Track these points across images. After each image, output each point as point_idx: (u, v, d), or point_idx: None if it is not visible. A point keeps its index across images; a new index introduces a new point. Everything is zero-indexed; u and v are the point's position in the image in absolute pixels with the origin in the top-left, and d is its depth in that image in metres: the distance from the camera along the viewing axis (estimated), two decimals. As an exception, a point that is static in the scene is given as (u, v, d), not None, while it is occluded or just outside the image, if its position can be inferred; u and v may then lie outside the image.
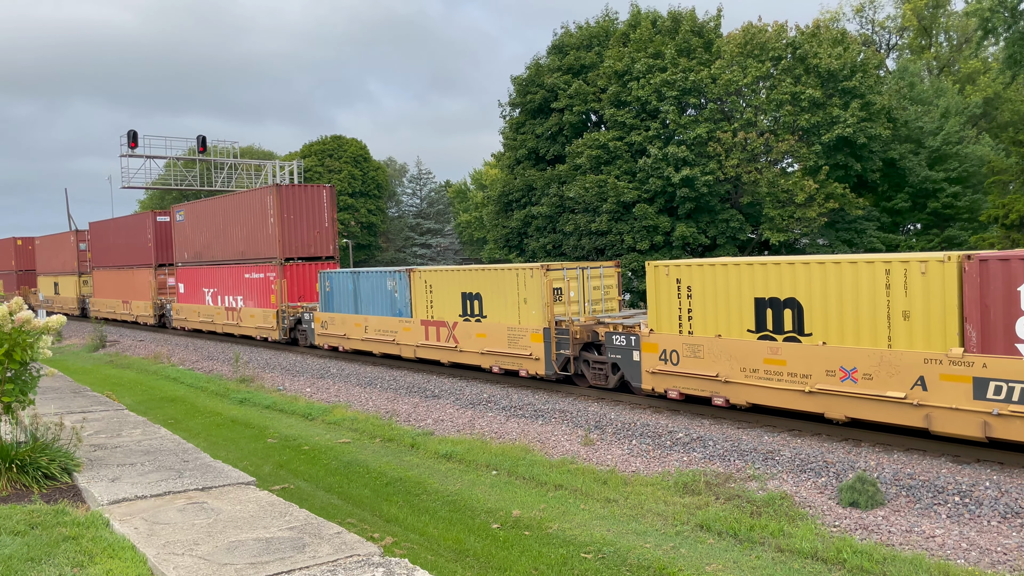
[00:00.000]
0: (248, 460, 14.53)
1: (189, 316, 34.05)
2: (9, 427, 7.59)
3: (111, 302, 42.54)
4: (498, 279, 18.40)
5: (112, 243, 42.25)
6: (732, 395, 13.74)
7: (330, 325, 24.27)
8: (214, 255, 31.97)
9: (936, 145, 35.47)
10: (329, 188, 28.59)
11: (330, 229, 28.64)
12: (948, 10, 48.58)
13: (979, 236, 31.65)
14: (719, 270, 14.03)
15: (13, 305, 7.32)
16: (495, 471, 13.14)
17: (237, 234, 29.91)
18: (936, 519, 9.81)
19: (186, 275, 34.46)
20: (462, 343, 19.39)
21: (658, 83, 33.76)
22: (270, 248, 27.70)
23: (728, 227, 34.11)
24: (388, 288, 21.75)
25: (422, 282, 20.55)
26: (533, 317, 17.50)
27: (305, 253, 28.03)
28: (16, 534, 5.70)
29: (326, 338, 24.60)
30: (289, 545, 5.36)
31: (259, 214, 28.23)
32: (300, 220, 27.78)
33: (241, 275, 29.56)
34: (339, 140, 66.01)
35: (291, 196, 27.65)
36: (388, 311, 21.84)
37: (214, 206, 32.00)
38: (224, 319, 31.08)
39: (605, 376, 16.65)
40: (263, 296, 28.22)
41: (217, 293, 31.64)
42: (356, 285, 23.12)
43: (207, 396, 21.75)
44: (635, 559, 9.22)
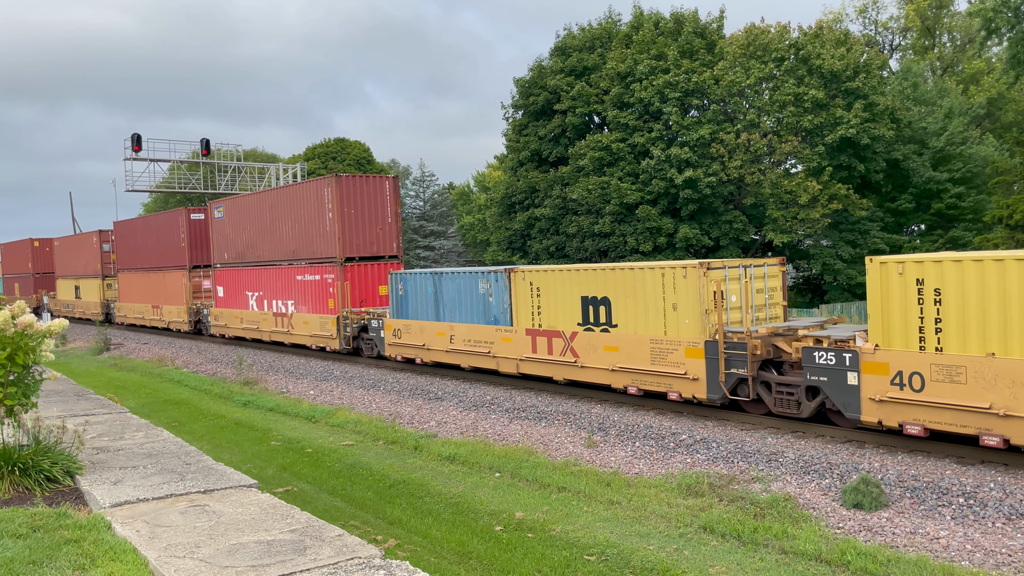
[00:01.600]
0: (251, 463, 14.54)
1: (230, 322, 31.07)
2: (11, 430, 7.59)
3: (139, 307, 39.83)
4: (634, 280, 15.49)
5: (140, 243, 39.65)
6: (1015, 434, 10.53)
7: (405, 334, 21.56)
8: (259, 255, 29.17)
9: (940, 146, 35.41)
10: (392, 179, 25.70)
11: (393, 225, 25.65)
12: (951, 10, 48.50)
13: (983, 237, 31.56)
14: (988, 267, 10.69)
15: (16, 309, 7.33)
16: (498, 473, 13.12)
17: (287, 231, 27.18)
18: (940, 521, 9.77)
19: (226, 277, 31.58)
20: (584, 357, 16.48)
21: (661, 85, 33.75)
22: (328, 246, 24.94)
23: (731, 228, 34.08)
24: (480, 291, 19.04)
25: (526, 284, 17.84)
26: (687, 327, 14.55)
27: (367, 252, 25.16)
28: (18, 537, 5.70)
29: (399, 348, 21.84)
30: (290, 548, 5.36)
31: (315, 209, 25.48)
32: (361, 215, 24.91)
33: (292, 277, 26.89)
34: (342, 143, 66.12)
35: (352, 188, 24.77)
36: (480, 318, 19.13)
37: (260, 201, 29.28)
38: (272, 326, 28.25)
39: (797, 403, 13.36)
40: (319, 300, 25.51)
41: (263, 297, 28.89)
42: (438, 288, 20.45)
43: (211, 399, 21.77)
44: (638, 561, 9.20)
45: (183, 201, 70.26)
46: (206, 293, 34.63)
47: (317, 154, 64.58)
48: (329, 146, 65.52)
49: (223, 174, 45.46)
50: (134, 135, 40.74)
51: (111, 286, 44.92)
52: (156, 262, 37.64)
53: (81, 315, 48.11)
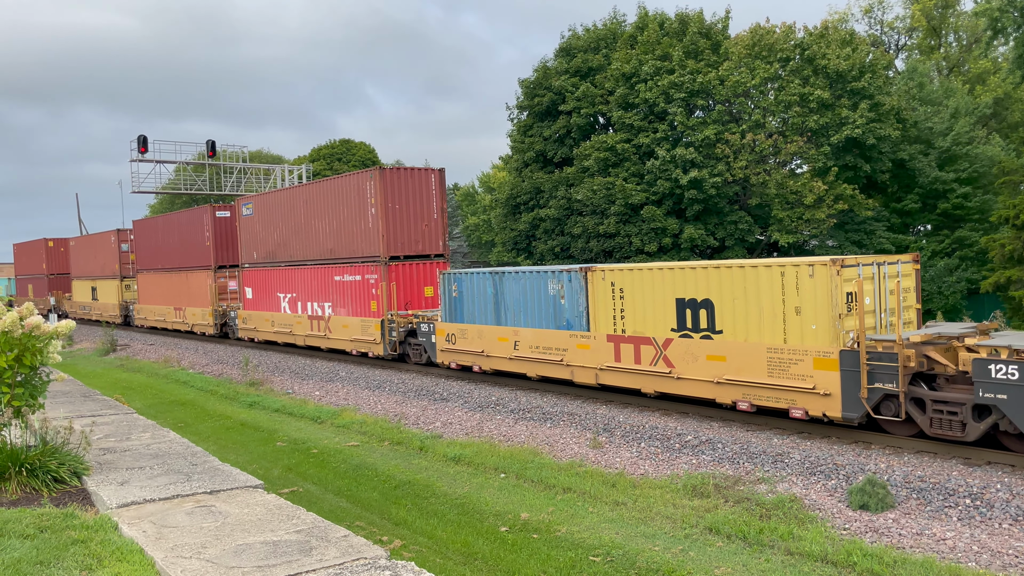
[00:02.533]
0: (257, 463, 14.57)
1: (260, 325, 29.39)
2: (19, 431, 7.63)
3: (160, 309, 38.11)
4: (744, 280, 13.63)
5: (161, 243, 38.00)
6: None
7: (460, 339, 19.85)
8: (292, 254, 27.47)
9: (946, 146, 35.32)
10: (438, 172, 23.86)
11: (439, 221, 24.01)
12: (957, 10, 48.36)
13: (990, 237, 31.47)
14: None
15: (24, 310, 7.36)
16: (503, 474, 13.13)
17: (324, 228, 25.51)
18: (947, 522, 9.75)
19: (255, 278, 29.92)
20: (680, 368, 14.62)
21: (666, 85, 33.73)
22: (370, 244, 23.30)
23: (737, 229, 34.04)
24: (549, 292, 17.35)
25: (606, 285, 16.09)
26: (814, 335, 12.62)
27: (412, 250, 23.49)
28: (25, 537, 5.73)
29: (453, 355, 20.16)
30: (296, 548, 5.37)
31: (356, 204, 23.77)
32: (407, 210, 23.28)
33: (330, 277, 25.23)
34: (348, 144, 66.23)
35: (396, 181, 23.03)
36: (550, 322, 17.40)
37: (293, 197, 27.56)
38: (307, 329, 26.51)
39: (961, 423, 11.41)
40: (360, 302, 23.89)
41: (296, 299, 27.21)
42: (498, 289, 18.70)
43: (216, 400, 21.82)
44: (644, 562, 9.20)
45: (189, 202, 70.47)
46: (232, 295, 33.06)
47: (322, 155, 64.70)
48: (334, 147, 65.64)
49: (228, 175, 45.58)
50: (140, 137, 40.89)
51: (130, 287, 43.53)
52: (179, 262, 36.08)
53: (98, 317, 46.53)
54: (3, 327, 7.10)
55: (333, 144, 66.20)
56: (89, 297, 48.01)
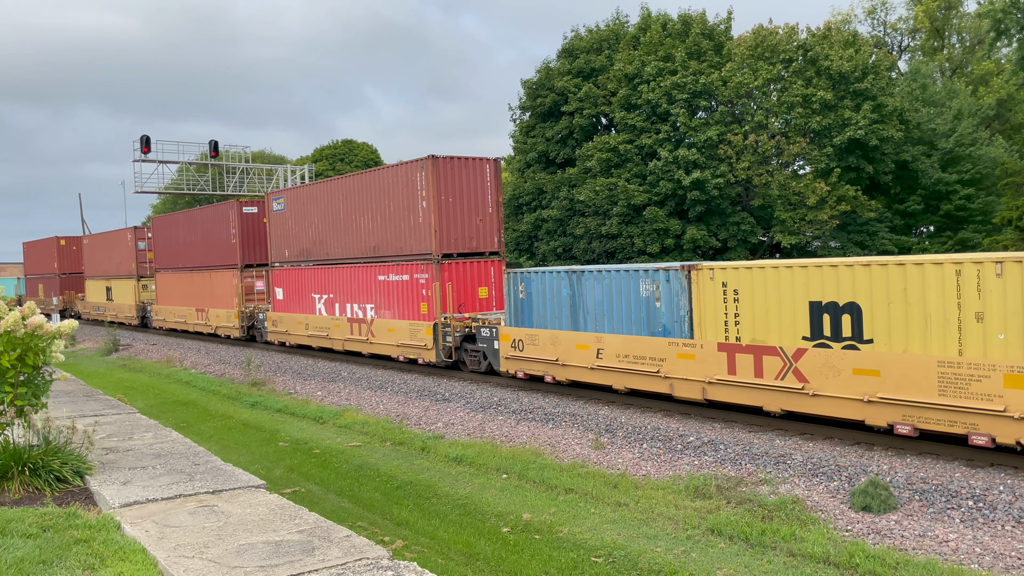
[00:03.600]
0: (259, 464, 14.58)
1: (292, 328, 27.45)
2: (22, 430, 7.64)
3: (180, 310, 35.98)
4: (904, 280, 11.64)
5: (182, 241, 36.07)
6: None
7: (529, 346, 17.95)
8: (330, 252, 25.61)
9: (949, 147, 35.29)
10: (494, 162, 21.94)
11: (495, 215, 21.99)
12: (960, 11, 48.34)
13: (993, 238, 31.45)
14: None
15: (26, 310, 7.37)
16: (505, 475, 13.13)
17: (367, 224, 23.61)
18: (949, 523, 9.73)
19: (287, 277, 27.94)
20: (817, 383, 12.56)
21: (668, 86, 33.73)
22: (421, 241, 21.38)
23: (739, 230, 34.04)
24: (641, 295, 15.49)
25: (715, 286, 14.16)
26: (1002, 346, 10.70)
27: (466, 247, 21.54)
28: (28, 537, 5.74)
29: (521, 363, 18.21)
30: (299, 548, 5.38)
31: (405, 197, 21.90)
32: (460, 203, 21.34)
33: (373, 277, 23.36)
34: (350, 144, 66.31)
35: (450, 172, 21.12)
36: (641, 328, 15.50)
37: (331, 190, 25.56)
38: (346, 333, 24.56)
39: None
40: (408, 304, 21.97)
41: (333, 300, 25.33)
42: (576, 290, 16.87)
43: (219, 400, 21.84)
44: (646, 563, 9.19)
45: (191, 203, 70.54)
46: (259, 295, 31.20)
47: (325, 155, 64.78)
48: (337, 148, 65.72)
49: (231, 176, 45.64)
50: (143, 137, 40.96)
51: (147, 287, 41.66)
52: (201, 261, 34.14)
53: (113, 318, 44.48)
54: (6, 327, 7.11)
55: (336, 145, 66.27)
56: (103, 297, 46.29)
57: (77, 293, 51.23)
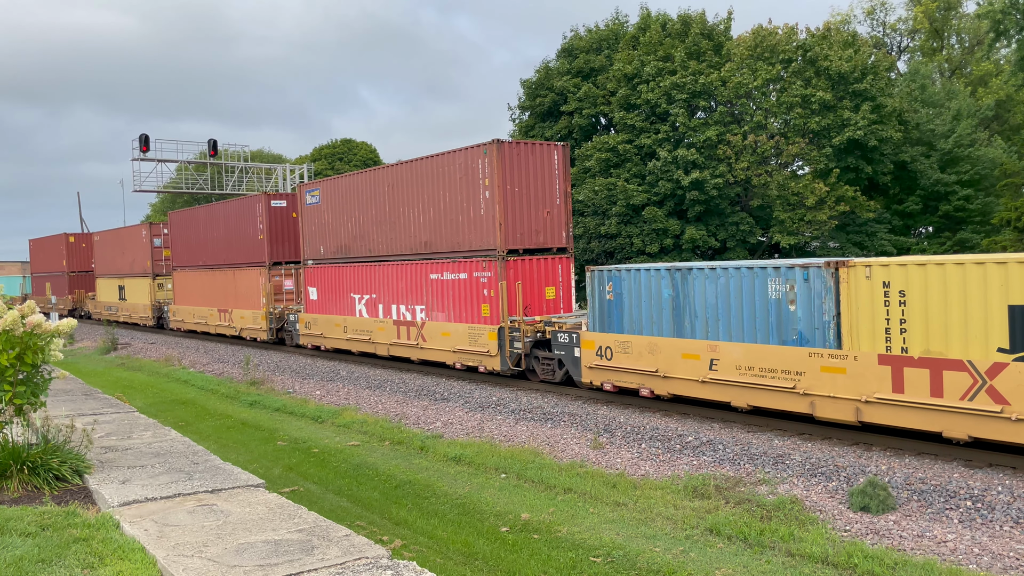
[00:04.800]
0: (258, 463, 14.58)
1: (328, 331, 25.44)
2: (20, 429, 7.64)
3: (201, 311, 33.95)
4: None
5: (203, 237, 34.06)
6: None
7: (620, 354, 15.90)
8: (373, 248, 23.48)
9: (948, 148, 35.33)
10: (562, 147, 19.97)
11: (563, 207, 20.06)
12: (960, 12, 48.38)
13: (991, 239, 31.49)
14: None
15: (25, 308, 7.37)
16: (504, 474, 13.13)
17: (418, 217, 21.52)
18: (948, 524, 9.74)
19: (322, 276, 25.97)
20: (1022, 406, 10.51)
21: (668, 86, 33.74)
22: (482, 236, 19.35)
23: (738, 230, 34.05)
24: (770, 296, 13.43)
25: (873, 285, 12.05)
26: None
27: (532, 243, 19.51)
28: (27, 535, 5.74)
29: (608, 374, 16.15)
30: (298, 547, 5.38)
31: (463, 186, 19.85)
32: (526, 194, 19.36)
33: (424, 275, 21.35)
34: (349, 143, 66.30)
35: (516, 158, 19.10)
36: (770, 335, 13.40)
37: (375, 180, 23.37)
38: (391, 337, 22.49)
39: None
40: (467, 305, 19.93)
41: (376, 301, 23.34)
42: (681, 290, 14.76)
43: (217, 399, 21.84)
44: (644, 563, 9.20)
45: (190, 201, 70.48)
46: (288, 295, 29.30)
47: (324, 155, 64.76)
48: (336, 147, 65.71)
49: (230, 175, 45.64)
50: (142, 136, 40.96)
51: (163, 286, 39.54)
52: (224, 258, 32.11)
53: (126, 319, 42.43)
54: (4, 325, 7.11)
55: (335, 144, 66.27)
56: (116, 297, 44.05)
57: (87, 292, 49.50)
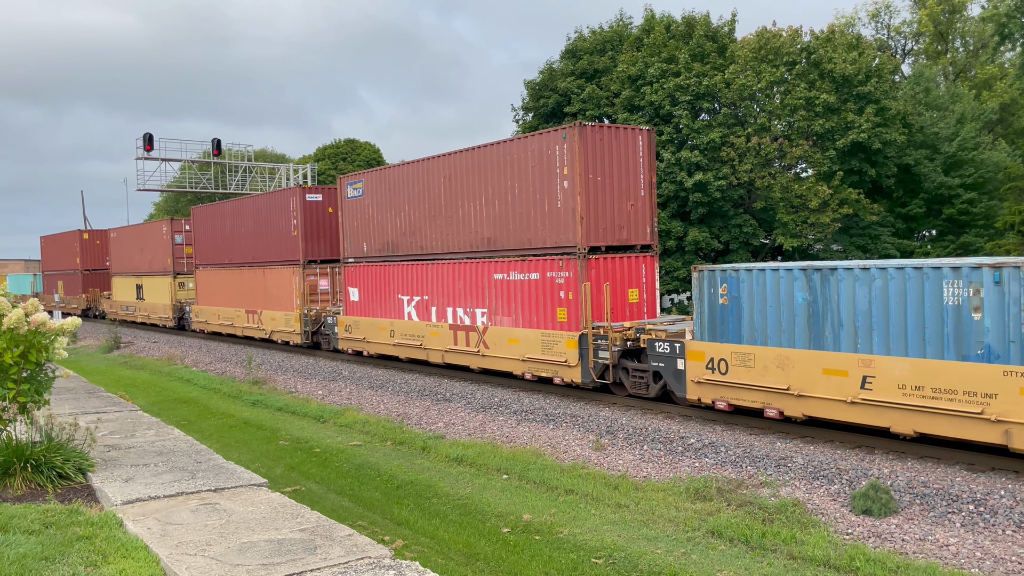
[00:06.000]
0: (260, 462, 14.60)
1: (372, 335, 23.48)
2: (24, 427, 7.66)
3: (227, 311, 31.92)
4: None
5: (229, 233, 32.05)
6: None
7: (738, 367, 13.79)
8: (424, 245, 21.48)
9: (952, 151, 35.29)
10: (647, 132, 18.03)
11: (647, 199, 18.00)
12: (964, 15, 48.33)
13: (995, 243, 31.44)
14: None
15: (29, 307, 7.39)
16: (506, 475, 13.14)
17: (479, 211, 19.52)
18: (950, 527, 9.73)
19: (365, 275, 24.00)
20: None
21: (671, 88, 33.74)
22: (559, 231, 17.35)
23: (741, 232, 34.03)
24: (946, 302, 11.35)
25: None
26: None
27: (614, 239, 17.48)
28: (30, 533, 5.75)
29: (721, 390, 14.10)
30: (301, 547, 5.39)
31: (537, 176, 17.77)
32: (609, 184, 17.35)
33: (486, 275, 19.34)
34: (352, 143, 66.38)
35: (599, 143, 17.14)
36: (945, 349, 11.32)
37: (429, 170, 21.11)
38: (447, 343, 20.48)
39: None
40: (538, 309, 17.95)
41: (428, 303, 21.28)
42: (820, 294, 12.65)
43: (220, 398, 21.86)
44: (646, 565, 9.20)
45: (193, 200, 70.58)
46: (323, 295, 27.48)
47: (327, 154, 64.84)
48: (339, 147, 65.79)
49: (233, 174, 45.71)
50: (146, 135, 41.05)
51: (184, 285, 37.32)
52: (253, 256, 30.19)
53: (144, 320, 40.30)
54: (9, 324, 7.13)
55: (338, 144, 66.35)
56: (133, 296, 41.80)
57: (102, 291, 47.49)
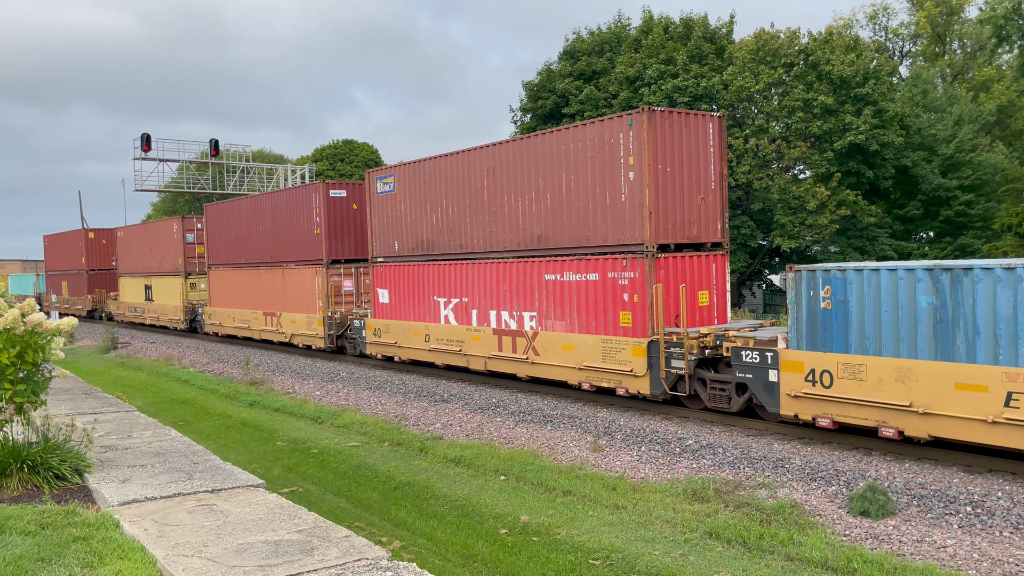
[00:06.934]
0: (257, 463, 14.57)
1: (404, 340, 22.01)
2: (21, 427, 7.65)
3: (243, 313, 30.48)
4: None
5: (245, 231, 30.61)
6: None
7: (845, 380, 12.15)
8: (464, 243, 20.05)
9: (949, 153, 35.35)
10: (718, 119, 16.40)
11: (718, 193, 16.49)
12: (962, 17, 48.42)
13: (992, 244, 31.49)
14: None
15: (25, 307, 7.38)
16: (503, 476, 13.13)
17: (529, 206, 18.07)
18: (948, 529, 9.74)
19: (396, 276, 22.58)
20: None
21: (670, 89, 33.75)
22: (623, 227, 15.81)
23: (739, 234, 34.05)
24: None
25: None
26: None
27: (684, 236, 15.92)
28: (27, 534, 5.73)
29: (824, 405, 12.48)
30: (298, 548, 5.37)
31: (598, 166, 16.24)
32: (677, 176, 15.78)
33: (536, 276, 17.92)
34: (351, 144, 66.38)
35: (668, 130, 15.56)
36: None
37: (471, 162, 19.64)
38: (490, 348, 19.07)
39: None
40: (597, 313, 16.49)
41: (468, 305, 19.92)
42: (951, 297, 11.09)
43: (217, 399, 21.83)
44: (644, 566, 9.19)
45: (191, 201, 70.54)
46: (347, 297, 26.25)
47: (326, 155, 64.84)
48: (338, 148, 65.79)
49: (231, 174, 45.68)
50: (143, 135, 41.03)
51: (196, 286, 35.89)
52: (271, 255, 28.84)
53: (154, 322, 38.85)
54: (5, 324, 7.11)
55: (336, 144, 66.35)
56: (141, 297, 40.30)
57: (109, 292, 46.02)
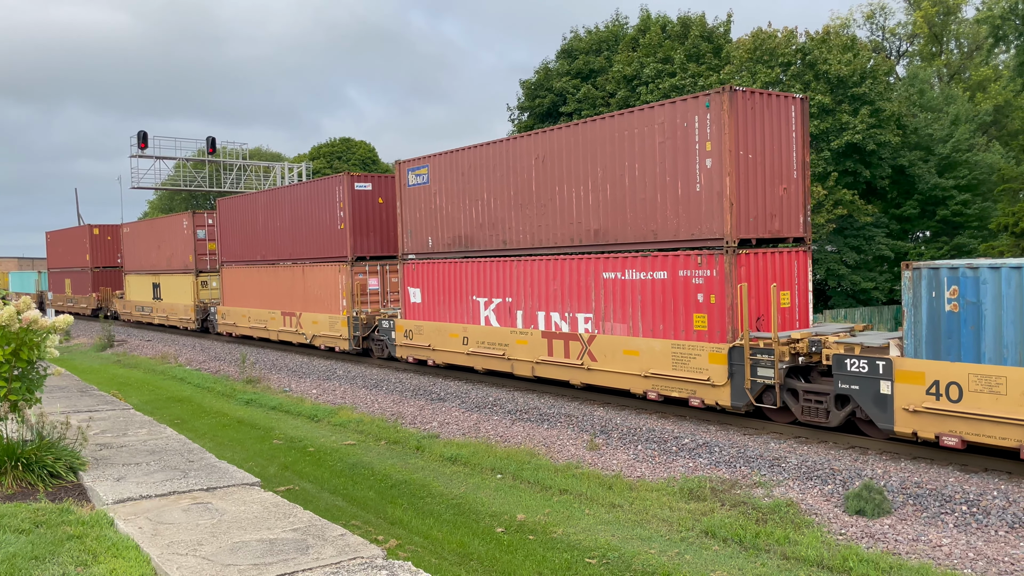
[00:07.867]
0: (253, 461, 14.55)
1: (438, 342, 20.51)
2: (15, 425, 7.63)
3: (259, 313, 28.94)
4: None
5: (261, 227, 29.17)
6: None
7: (980, 393, 10.69)
8: (509, 239, 18.54)
9: (946, 152, 35.39)
10: (800, 100, 14.98)
11: (799, 183, 15.01)
12: (959, 17, 48.47)
13: (989, 244, 31.55)
14: None
15: (20, 304, 7.35)
16: (500, 475, 13.12)
17: (583, 198, 16.57)
18: (943, 528, 9.75)
19: (430, 274, 20.99)
20: None
21: (667, 88, 33.76)
22: (699, 220, 14.25)
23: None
24: None
25: None
26: None
27: (764, 231, 14.37)
28: (21, 532, 5.72)
29: (951, 421, 11.02)
30: (293, 546, 5.36)
31: (668, 153, 14.70)
32: (759, 164, 14.22)
33: (593, 274, 16.40)
34: (348, 142, 66.31)
35: (750, 113, 14.00)
36: None
37: (515, 151, 18.25)
38: (538, 352, 17.63)
39: None
40: (665, 314, 14.94)
41: (512, 305, 18.42)
42: None
43: (213, 397, 21.79)
44: (640, 565, 9.19)
45: (188, 199, 70.44)
46: (372, 296, 24.79)
47: (323, 153, 64.77)
48: (334, 145, 65.72)
49: (228, 172, 45.60)
50: (140, 132, 40.95)
51: (207, 284, 34.35)
52: (290, 252, 27.38)
53: (162, 321, 37.27)
54: (0, 321, 7.09)
55: (333, 142, 66.28)
56: (149, 296, 38.78)
57: (114, 290, 44.63)
